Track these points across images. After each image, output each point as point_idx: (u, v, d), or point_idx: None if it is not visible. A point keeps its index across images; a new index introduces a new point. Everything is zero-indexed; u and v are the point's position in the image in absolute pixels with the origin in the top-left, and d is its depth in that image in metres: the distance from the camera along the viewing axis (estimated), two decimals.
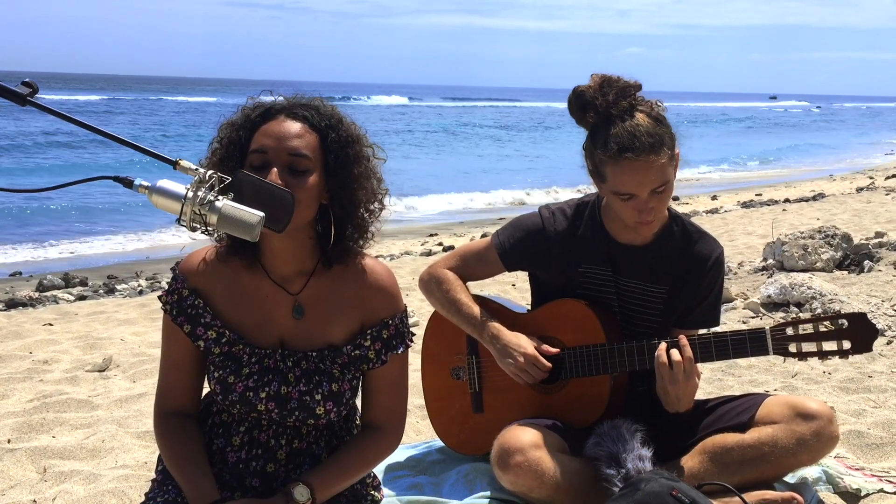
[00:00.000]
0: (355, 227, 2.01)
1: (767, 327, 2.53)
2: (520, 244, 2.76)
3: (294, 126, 1.94)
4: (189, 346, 2.03)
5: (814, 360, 2.54)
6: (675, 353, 2.48)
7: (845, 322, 2.47)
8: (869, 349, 2.48)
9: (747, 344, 2.52)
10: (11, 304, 7.99)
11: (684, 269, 2.69)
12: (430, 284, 2.83)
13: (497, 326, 2.68)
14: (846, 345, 2.47)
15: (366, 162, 2.01)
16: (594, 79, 2.54)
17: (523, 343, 2.64)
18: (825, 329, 2.49)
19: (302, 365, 2.01)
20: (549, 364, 2.62)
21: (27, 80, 1.62)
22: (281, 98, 2.02)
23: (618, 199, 2.52)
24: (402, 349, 2.09)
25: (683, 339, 2.50)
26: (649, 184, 2.47)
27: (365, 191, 1.99)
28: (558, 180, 20.87)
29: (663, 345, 2.51)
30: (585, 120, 2.56)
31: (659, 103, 2.56)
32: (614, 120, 2.48)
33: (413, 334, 2.17)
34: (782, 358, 2.55)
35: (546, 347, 2.64)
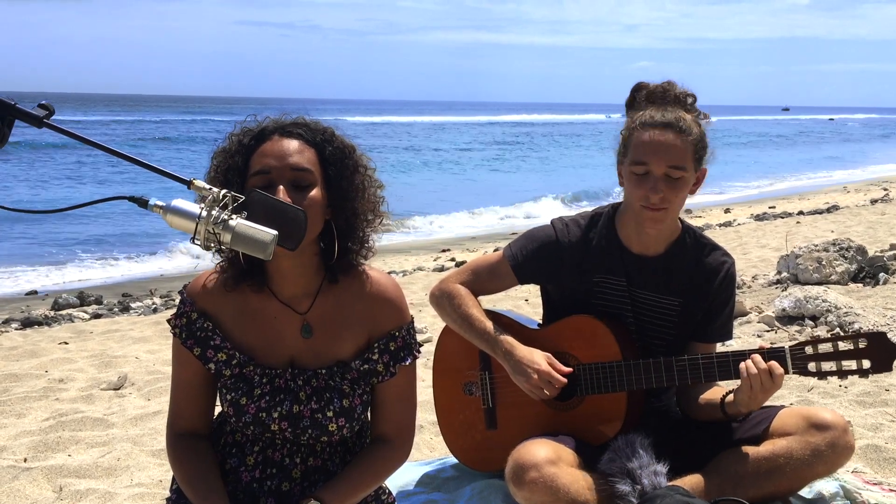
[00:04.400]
0: (355, 240, 2.02)
1: (787, 346, 2.52)
2: (533, 256, 2.76)
3: (292, 143, 1.96)
4: (199, 369, 2.04)
5: (834, 378, 2.52)
6: (772, 364, 2.44)
7: (865, 341, 2.46)
8: (889, 369, 2.46)
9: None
10: (27, 323, 8.05)
11: (697, 281, 2.69)
12: (442, 300, 2.82)
13: (511, 342, 2.68)
14: (866, 364, 2.45)
15: (363, 171, 2.03)
16: (661, 83, 2.69)
17: (537, 359, 2.63)
18: (845, 348, 2.47)
19: (312, 383, 2.02)
20: (563, 380, 2.61)
21: (44, 102, 1.63)
22: (268, 119, 2.03)
23: (633, 177, 2.56)
24: (409, 360, 2.10)
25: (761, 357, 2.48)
26: (663, 157, 2.51)
27: (366, 200, 2.01)
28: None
29: (757, 356, 2.47)
30: (636, 101, 2.67)
31: (706, 115, 2.70)
32: (660, 104, 2.61)
33: (421, 345, 2.17)
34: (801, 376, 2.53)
35: (560, 366, 2.63)
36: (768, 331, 5.54)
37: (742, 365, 2.46)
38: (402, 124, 70.47)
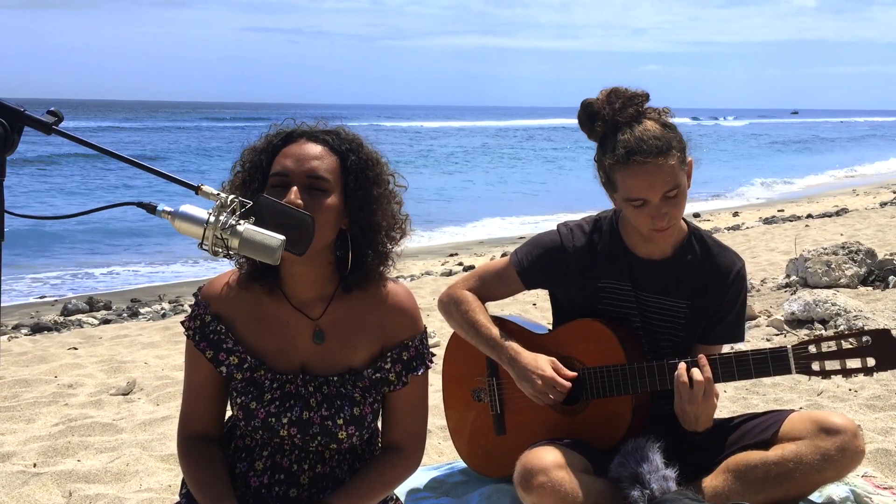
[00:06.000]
0: (376, 253, 2.01)
1: (790, 346, 2.51)
2: (538, 262, 2.76)
3: (314, 149, 1.96)
4: (211, 372, 2.05)
5: (839, 378, 2.52)
6: (695, 373, 2.47)
7: (869, 339, 2.45)
8: (894, 366, 2.45)
9: (769, 363, 2.50)
10: (37, 329, 8.08)
11: (705, 284, 2.68)
12: (450, 306, 2.83)
13: (515, 348, 2.68)
14: (870, 362, 2.44)
15: (386, 185, 2.02)
16: (602, 92, 2.58)
17: (541, 365, 2.62)
18: (849, 346, 2.46)
19: (323, 390, 2.02)
20: (568, 385, 2.60)
21: (52, 108, 1.64)
22: (303, 123, 2.05)
23: (631, 207, 2.52)
24: (422, 370, 2.09)
25: (703, 359, 2.49)
26: (660, 187, 2.46)
27: (384, 213, 2.00)
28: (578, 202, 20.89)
29: (683, 364, 2.50)
30: (595, 131, 2.58)
31: (667, 110, 2.58)
32: (622, 127, 2.51)
33: (433, 355, 2.17)
34: (807, 376, 2.53)
35: (565, 371, 2.63)
36: (777, 334, 5.52)
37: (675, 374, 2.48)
38: (431, 129, 69.93)
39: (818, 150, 46.94)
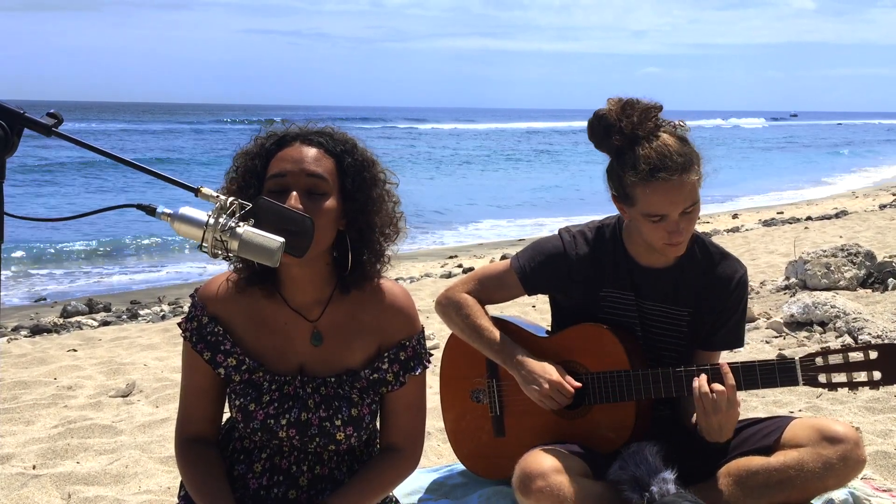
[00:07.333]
0: (372, 253, 2.02)
1: (797, 357, 2.50)
2: (541, 268, 2.75)
3: (311, 151, 1.96)
4: (209, 374, 2.05)
5: (844, 390, 2.52)
6: (716, 384, 2.45)
7: (876, 352, 2.45)
8: None
9: (776, 374, 2.49)
10: (36, 331, 8.08)
11: (707, 291, 2.67)
12: (448, 309, 2.81)
13: (521, 353, 2.67)
14: (877, 375, 2.44)
15: (382, 185, 2.03)
16: (613, 102, 2.52)
17: (548, 370, 2.62)
18: (855, 359, 2.46)
19: (321, 391, 2.02)
20: (573, 391, 2.60)
21: (52, 111, 1.64)
22: (294, 126, 2.04)
23: (647, 222, 2.50)
24: (419, 370, 2.10)
25: (726, 367, 2.47)
26: (681, 203, 2.46)
27: (381, 214, 2.01)
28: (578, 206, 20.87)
29: (703, 376, 2.48)
30: (609, 143, 2.52)
31: (682, 123, 2.56)
32: (641, 141, 2.47)
33: (431, 355, 2.17)
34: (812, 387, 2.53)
35: (571, 380, 2.62)
36: (777, 337, 5.52)
37: (694, 383, 2.47)
38: (431, 131, 69.84)
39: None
